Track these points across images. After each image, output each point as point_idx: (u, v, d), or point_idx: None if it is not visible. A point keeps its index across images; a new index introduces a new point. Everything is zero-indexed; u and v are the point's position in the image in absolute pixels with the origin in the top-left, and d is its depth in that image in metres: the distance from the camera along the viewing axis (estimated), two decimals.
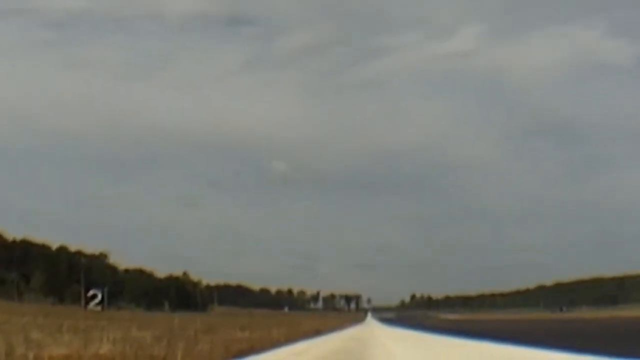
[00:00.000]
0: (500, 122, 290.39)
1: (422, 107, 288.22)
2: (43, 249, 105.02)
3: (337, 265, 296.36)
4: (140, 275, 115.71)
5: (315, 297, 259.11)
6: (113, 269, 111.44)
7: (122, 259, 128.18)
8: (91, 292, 33.66)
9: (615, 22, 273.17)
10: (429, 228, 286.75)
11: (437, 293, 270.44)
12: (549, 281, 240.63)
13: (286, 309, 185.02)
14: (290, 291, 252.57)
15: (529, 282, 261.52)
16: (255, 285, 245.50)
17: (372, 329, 43.49)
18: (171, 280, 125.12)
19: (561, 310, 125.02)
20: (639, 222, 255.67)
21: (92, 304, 33.55)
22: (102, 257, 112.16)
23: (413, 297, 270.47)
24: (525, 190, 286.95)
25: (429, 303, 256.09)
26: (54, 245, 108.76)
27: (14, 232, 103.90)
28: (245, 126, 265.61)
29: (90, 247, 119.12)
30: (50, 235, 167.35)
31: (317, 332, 32.16)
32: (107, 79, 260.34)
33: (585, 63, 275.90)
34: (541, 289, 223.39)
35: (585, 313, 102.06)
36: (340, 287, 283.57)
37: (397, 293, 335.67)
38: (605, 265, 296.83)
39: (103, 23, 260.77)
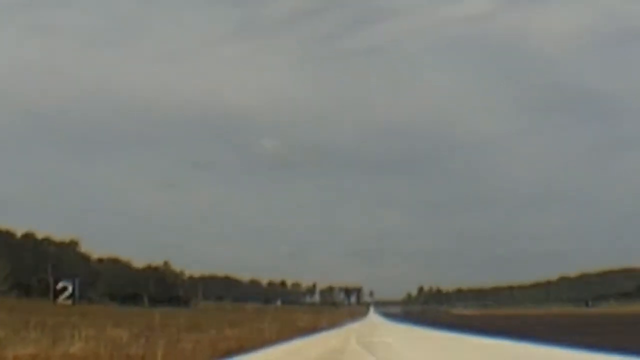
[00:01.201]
0: (518, 94, 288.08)
1: (431, 77, 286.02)
2: (6, 236, 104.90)
3: (335, 254, 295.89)
4: (115, 266, 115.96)
5: (311, 290, 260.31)
6: (85, 258, 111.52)
7: (95, 247, 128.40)
8: (61, 285, 33.70)
9: None
10: (438, 213, 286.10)
11: (448, 286, 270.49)
12: (572, 272, 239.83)
13: (279, 303, 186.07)
14: (283, 283, 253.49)
15: (550, 273, 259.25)
16: (245, 277, 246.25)
17: (376, 327, 43.67)
18: (150, 271, 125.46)
19: (587, 305, 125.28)
20: None
21: (61, 297, 33.59)
22: (72, 245, 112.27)
23: (421, 289, 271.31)
24: (546, 170, 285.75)
25: (439, 297, 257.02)
26: (19, 232, 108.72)
27: None
28: (232, 100, 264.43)
29: (60, 234, 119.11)
30: (14, 221, 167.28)
31: (313, 329, 32.41)
32: (77, 47, 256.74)
33: (614, 30, 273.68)
34: (564, 280, 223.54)
35: (614, 308, 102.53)
36: (339, 278, 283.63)
37: (403, 285, 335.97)
38: (636, 255, 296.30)
39: None
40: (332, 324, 41.87)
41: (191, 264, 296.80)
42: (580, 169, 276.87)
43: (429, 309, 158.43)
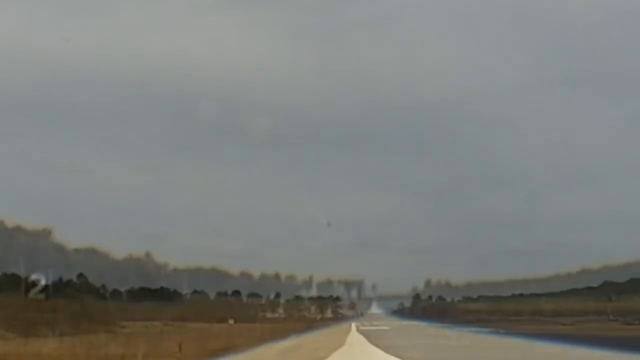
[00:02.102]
0: (538, 66, 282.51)
1: (440, 49, 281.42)
2: None
3: (334, 244, 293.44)
4: (92, 256, 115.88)
5: (307, 283, 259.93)
6: (59, 248, 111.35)
7: (70, 237, 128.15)
8: (33, 277, 33.45)
9: None
10: (448, 198, 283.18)
11: (458, 279, 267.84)
12: (595, 264, 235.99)
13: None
14: (277, 275, 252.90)
15: (570, 265, 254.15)
16: (234, 269, 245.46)
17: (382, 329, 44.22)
18: (131, 262, 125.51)
19: (610, 300, 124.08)
20: None
21: (33, 291, 33.35)
22: (45, 234, 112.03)
23: (428, 283, 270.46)
24: (568, 151, 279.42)
25: (448, 291, 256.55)
26: None
27: None
28: (218, 77, 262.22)
29: (32, 222, 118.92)
30: None
31: (309, 328, 33.55)
32: (44, 18, 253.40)
33: None
34: (585, 273, 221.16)
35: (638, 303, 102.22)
36: (339, 270, 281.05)
37: (408, 278, 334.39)
38: None
39: None
40: (330, 321, 42.75)
41: (175, 255, 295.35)
42: (610, 151, 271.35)
43: (438, 305, 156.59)
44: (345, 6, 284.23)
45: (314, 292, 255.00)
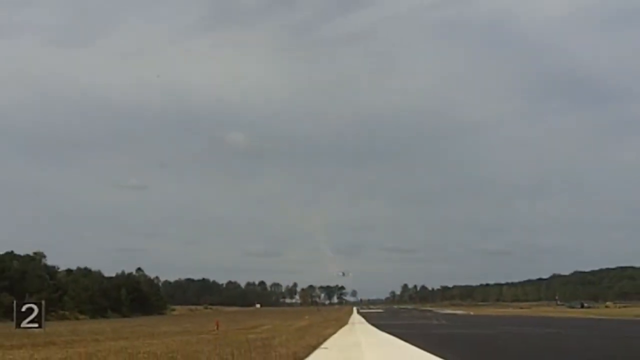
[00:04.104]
0: (510, 77, 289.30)
1: (415, 62, 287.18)
2: None
3: (315, 251, 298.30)
4: (84, 277, 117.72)
5: (291, 290, 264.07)
6: (51, 272, 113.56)
7: (62, 259, 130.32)
8: (25, 307, 34.97)
9: None
10: (423, 205, 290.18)
11: (433, 283, 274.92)
12: (567, 269, 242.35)
13: (258, 306, 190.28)
14: (262, 283, 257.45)
15: (542, 270, 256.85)
16: (222, 278, 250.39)
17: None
18: (122, 279, 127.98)
19: (582, 306, 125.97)
20: None
21: (25, 321, 34.60)
22: (37, 258, 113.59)
23: (405, 288, 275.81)
24: (540, 159, 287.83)
25: (424, 295, 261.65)
26: None
27: None
28: (202, 95, 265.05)
29: (22, 247, 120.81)
30: None
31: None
32: (37, 45, 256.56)
33: (615, 5, 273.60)
34: (557, 279, 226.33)
35: (612, 309, 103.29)
36: (319, 277, 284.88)
37: (386, 283, 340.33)
38: (637, 253, 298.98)
39: None
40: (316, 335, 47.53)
41: (165, 269, 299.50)
42: (580, 158, 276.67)
43: (415, 309, 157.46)
44: (323, 22, 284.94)
45: (297, 299, 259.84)
